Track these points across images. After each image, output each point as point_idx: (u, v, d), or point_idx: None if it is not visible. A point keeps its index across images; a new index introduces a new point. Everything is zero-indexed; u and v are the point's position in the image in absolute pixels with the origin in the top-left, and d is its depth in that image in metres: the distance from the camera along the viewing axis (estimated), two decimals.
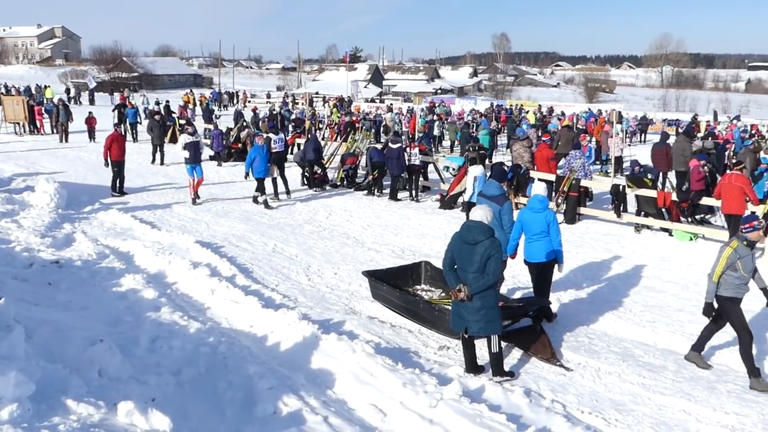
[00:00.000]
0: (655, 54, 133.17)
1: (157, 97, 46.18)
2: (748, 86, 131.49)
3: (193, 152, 15.49)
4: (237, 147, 22.85)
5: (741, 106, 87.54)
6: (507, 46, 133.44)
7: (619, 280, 10.84)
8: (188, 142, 15.63)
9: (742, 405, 6.71)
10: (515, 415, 6.12)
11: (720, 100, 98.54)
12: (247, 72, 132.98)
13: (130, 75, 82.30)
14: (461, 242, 6.78)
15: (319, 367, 6.86)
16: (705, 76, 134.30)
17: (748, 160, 16.37)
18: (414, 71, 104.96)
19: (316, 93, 66.42)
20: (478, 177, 13.25)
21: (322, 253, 11.83)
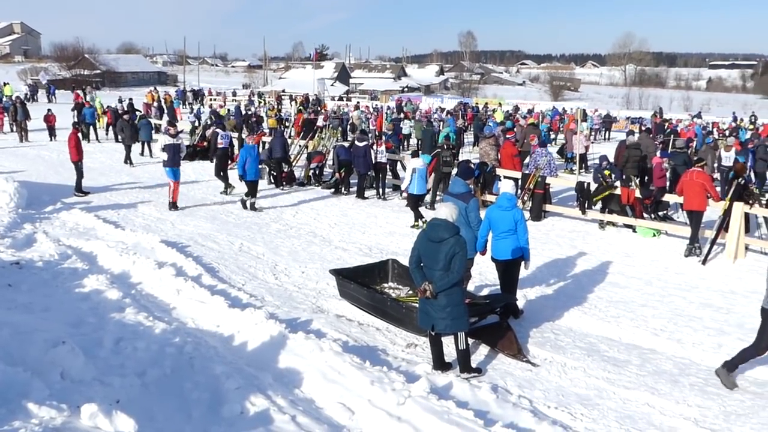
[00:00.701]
0: (618, 53, 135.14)
1: (120, 94, 45.49)
2: (708, 85, 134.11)
3: (172, 154, 14.69)
4: (202, 146, 22.65)
5: (702, 104, 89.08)
6: (473, 45, 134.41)
7: (584, 276, 10.98)
8: (168, 143, 14.80)
9: (704, 398, 6.84)
10: (483, 411, 6.16)
11: (682, 99, 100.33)
12: (212, 70, 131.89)
13: (92, 72, 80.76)
14: (427, 240, 6.80)
15: (286, 366, 6.83)
16: (667, 75, 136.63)
17: (709, 157, 16.68)
18: (381, 69, 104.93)
19: (283, 91, 66.04)
20: (418, 169, 13.69)
21: (289, 251, 11.78)
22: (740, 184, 12.48)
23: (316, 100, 48.93)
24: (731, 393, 6.96)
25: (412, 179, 13.69)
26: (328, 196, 16.95)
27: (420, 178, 13.76)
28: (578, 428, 6.10)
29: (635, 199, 13.98)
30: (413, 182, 13.69)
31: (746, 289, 10.59)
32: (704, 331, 8.70)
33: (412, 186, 13.74)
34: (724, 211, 12.29)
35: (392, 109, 40.33)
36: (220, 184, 17.40)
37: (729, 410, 6.58)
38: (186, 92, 57.36)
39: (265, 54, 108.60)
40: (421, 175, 13.75)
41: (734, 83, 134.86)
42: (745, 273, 11.50)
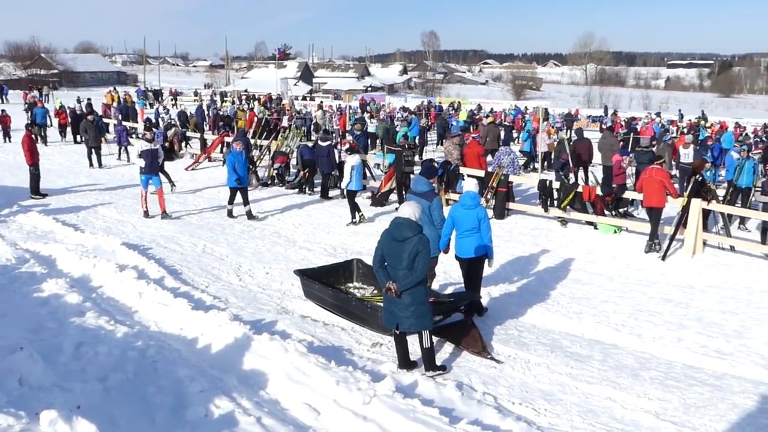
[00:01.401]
0: (579, 52, 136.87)
1: (78, 95, 44.72)
2: (667, 84, 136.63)
3: (149, 161, 13.92)
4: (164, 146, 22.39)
5: (661, 103, 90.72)
6: (436, 44, 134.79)
7: (547, 273, 11.10)
8: (145, 149, 13.99)
9: (664, 391, 6.96)
10: (448, 408, 6.19)
11: (641, 97, 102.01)
12: (173, 69, 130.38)
13: (49, 72, 79.34)
14: (390, 239, 6.81)
15: (251, 367, 6.79)
16: (627, 74, 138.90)
17: (666, 155, 16.99)
18: (344, 69, 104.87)
19: (245, 90, 65.55)
20: (355, 166, 13.93)
21: (253, 252, 11.71)
22: (698, 181, 12.74)
23: (279, 100, 48.64)
24: (690, 386, 7.10)
25: (351, 176, 13.92)
26: (293, 196, 16.87)
27: (357, 175, 14.04)
28: (542, 423, 6.16)
29: (596, 196, 14.18)
30: (352, 179, 13.93)
31: (704, 284, 10.82)
32: (664, 326, 8.86)
33: (351, 183, 13.98)
34: (683, 207, 12.54)
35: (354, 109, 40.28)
36: (183, 184, 17.22)
37: (689, 403, 6.71)
38: (147, 92, 56.60)
39: (227, 53, 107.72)
40: (358, 172, 14.06)
41: (692, 82, 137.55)
42: (703, 268, 11.74)
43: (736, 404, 6.72)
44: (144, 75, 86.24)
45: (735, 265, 11.98)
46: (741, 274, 11.44)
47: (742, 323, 9.09)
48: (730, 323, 9.08)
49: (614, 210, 14.76)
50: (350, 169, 13.94)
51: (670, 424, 6.27)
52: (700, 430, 6.19)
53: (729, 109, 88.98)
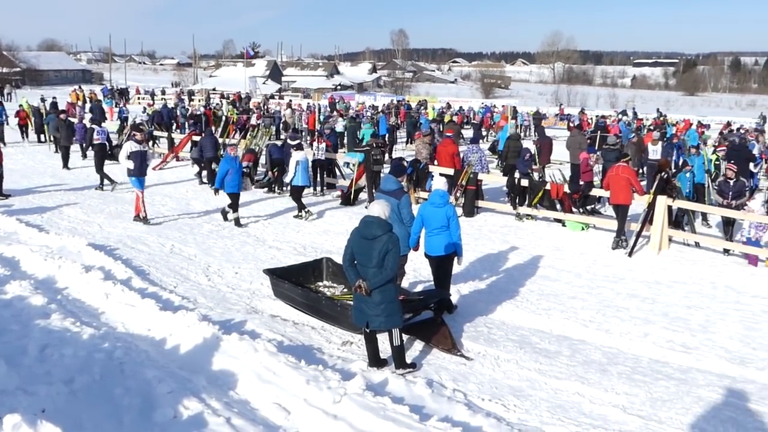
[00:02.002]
0: (547, 51, 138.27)
1: (42, 93, 43.96)
2: (633, 82, 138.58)
3: (139, 163, 13.37)
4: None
5: (627, 101, 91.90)
6: (405, 43, 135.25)
7: (515, 270, 11.18)
8: (134, 151, 13.34)
9: (631, 385, 7.05)
10: (418, 405, 6.21)
11: (608, 96, 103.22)
12: (140, 68, 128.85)
13: (11, 70, 77.92)
14: (360, 238, 6.81)
15: (220, 368, 6.73)
16: (594, 73, 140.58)
17: (631, 152, 17.21)
18: (313, 67, 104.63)
19: (213, 89, 65.03)
20: (300, 161, 14.19)
21: (222, 252, 11.62)
22: (663, 178, 12.92)
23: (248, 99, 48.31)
24: (657, 380, 7.21)
25: (296, 172, 14.14)
26: (261, 196, 16.77)
27: (303, 171, 14.25)
28: (511, 419, 6.21)
29: (564, 194, 14.32)
30: (297, 175, 14.15)
31: (670, 279, 11.00)
32: (631, 321, 8.98)
33: (296, 178, 14.19)
34: (649, 204, 12.71)
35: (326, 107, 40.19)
36: (149, 184, 16.98)
37: (655, 397, 6.81)
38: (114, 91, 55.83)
39: (195, 52, 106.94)
40: (303, 168, 14.28)
41: (657, 81, 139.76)
42: (669, 264, 11.93)
43: (701, 397, 6.83)
44: (110, 73, 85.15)
45: (700, 261, 12.19)
46: (706, 270, 11.64)
47: (707, 317, 9.26)
48: (695, 318, 9.23)
49: (582, 207, 14.93)
50: (295, 164, 14.12)
51: (637, 417, 6.35)
52: (666, 423, 6.28)
53: (693, 107, 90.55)
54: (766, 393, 7.03)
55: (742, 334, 8.67)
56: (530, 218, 14.76)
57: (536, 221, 14.71)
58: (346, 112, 35.20)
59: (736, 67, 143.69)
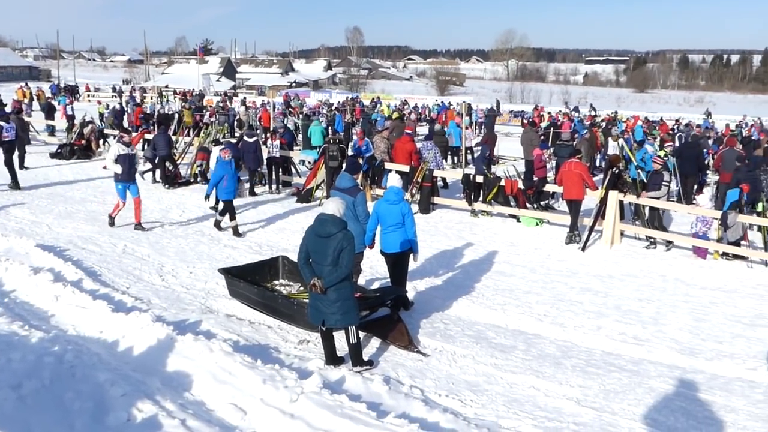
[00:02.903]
0: (501, 48, 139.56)
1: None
2: (585, 79, 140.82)
3: (127, 168, 12.41)
4: (80, 144, 21.69)
5: (580, 98, 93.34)
6: (360, 40, 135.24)
7: (471, 266, 11.27)
8: (121, 154, 12.41)
9: (585, 378, 7.17)
10: (375, 403, 6.21)
11: (561, 92, 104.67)
12: (89, 65, 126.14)
13: None
14: (314, 236, 6.79)
15: (175, 369, 6.64)
16: (547, 70, 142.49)
17: (584, 148, 17.48)
18: (268, 64, 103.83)
19: (166, 86, 64.05)
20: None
21: (176, 252, 11.45)
22: (614, 173, 13.16)
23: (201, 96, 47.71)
24: (610, 372, 7.34)
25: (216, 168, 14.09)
26: None
27: None
28: (468, 414, 6.25)
29: (518, 190, 14.48)
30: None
31: (622, 273, 11.21)
32: (584, 315, 9.13)
33: None
34: (601, 199, 12.94)
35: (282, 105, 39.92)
36: (101, 183, 16.71)
37: (608, 388, 6.93)
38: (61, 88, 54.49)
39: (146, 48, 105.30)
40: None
41: (609, 78, 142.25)
42: (621, 258, 12.16)
43: (652, 388, 6.98)
44: (58, 70, 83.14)
45: (650, 255, 12.45)
46: (656, 263, 11.90)
47: (658, 310, 9.46)
48: (647, 310, 9.43)
49: (536, 203, 15.12)
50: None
51: (590, 409, 6.46)
52: (619, 414, 6.40)
53: (643, 103, 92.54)
54: (715, 383, 7.22)
55: (692, 326, 8.88)
56: (486, 214, 14.89)
57: (491, 217, 14.85)
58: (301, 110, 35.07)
59: (685, 64, 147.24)
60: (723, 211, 12.12)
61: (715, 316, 9.34)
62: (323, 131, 22.35)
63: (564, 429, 6.04)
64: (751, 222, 12.36)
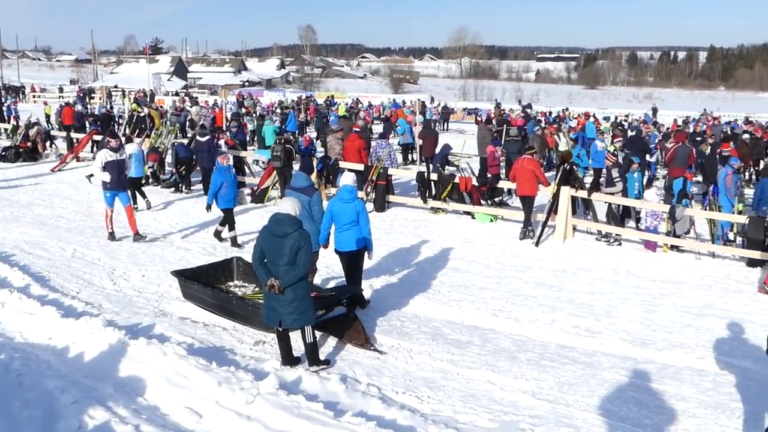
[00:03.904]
0: (454, 46, 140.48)
1: None
2: (537, 76, 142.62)
3: (116, 175, 11.67)
4: (26, 146, 21.16)
5: (532, 95, 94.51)
6: (313, 38, 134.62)
7: (427, 263, 11.32)
8: (109, 160, 11.60)
9: (540, 371, 7.26)
10: (332, 402, 6.19)
11: (514, 90, 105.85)
12: (34, 64, 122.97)
13: None
14: (270, 236, 6.73)
15: (128, 374, 6.52)
16: (499, 67, 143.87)
17: (536, 145, 17.70)
18: (220, 63, 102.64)
19: (115, 86, 62.84)
20: (134, 154, 14.45)
21: (128, 255, 11.24)
22: (566, 169, 13.35)
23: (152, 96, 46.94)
24: (564, 365, 7.44)
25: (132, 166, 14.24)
26: (169, 196, 16.33)
27: (136, 162, 14.51)
28: (425, 411, 6.27)
29: (472, 186, 14.60)
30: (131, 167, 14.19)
31: (575, 267, 11.39)
32: (539, 309, 9.24)
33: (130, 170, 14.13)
34: (553, 195, 13.12)
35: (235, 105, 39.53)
36: (48, 186, 16.32)
37: (563, 381, 7.03)
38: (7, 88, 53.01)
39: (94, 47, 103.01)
40: (137, 159, 14.62)
41: (560, 75, 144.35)
42: (573, 252, 12.35)
43: (605, 379, 7.10)
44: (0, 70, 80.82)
45: (602, 249, 12.67)
46: (608, 257, 12.12)
47: (610, 302, 9.63)
48: (599, 303, 9.59)
49: (490, 199, 15.26)
50: (129, 157, 14.02)
51: (546, 402, 6.54)
52: (573, 406, 6.49)
53: (594, 100, 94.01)
54: (666, 372, 7.38)
55: (643, 317, 9.07)
56: (441, 212, 14.96)
57: (446, 214, 14.94)
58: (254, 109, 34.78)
59: (634, 61, 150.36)
60: (671, 205, 12.41)
61: (665, 307, 9.54)
62: (276, 131, 22.19)
63: (520, 422, 6.10)
64: (699, 215, 12.66)
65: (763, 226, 11.38)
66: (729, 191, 13.37)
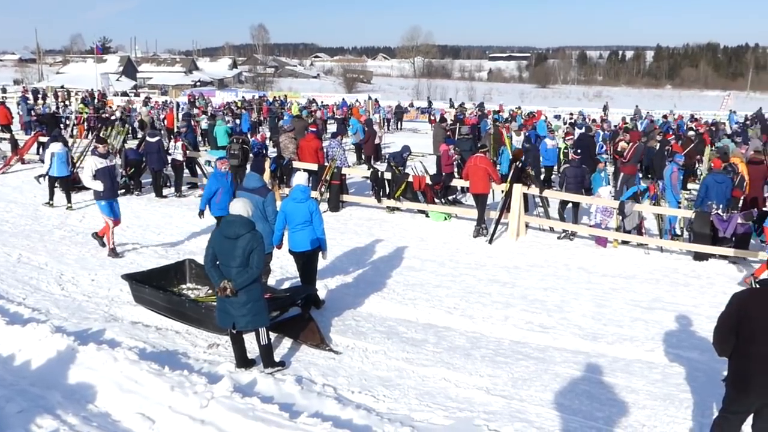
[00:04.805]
0: (407, 46, 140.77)
1: None
2: (490, 75, 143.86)
3: (110, 183, 11.07)
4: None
5: (485, 94, 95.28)
6: (266, 38, 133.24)
7: (382, 262, 11.33)
8: (100, 168, 10.97)
9: (494, 367, 7.33)
10: (288, 403, 6.16)
11: (466, 89, 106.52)
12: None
13: None
14: (222, 237, 6.66)
15: (77, 381, 6.38)
16: (452, 67, 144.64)
17: (488, 143, 17.90)
18: (170, 63, 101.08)
19: (61, 87, 61.39)
20: (56, 153, 14.55)
21: (77, 259, 10.99)
22: (518, 167, 13.51)
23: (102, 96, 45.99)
24: (518, 360, 7.53)
25: (52, 162, 14.54)
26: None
27: (58, 162, 14.57)
28: (381, 410, 6.28)
29: (426, 185, 14.66)
30: (52, 165, 14.56)
31: (528, 264, 11.53)
32: (493, 306, 9.33)
33: (52, 169, 14.60)
34: (506, 192, 13.26)
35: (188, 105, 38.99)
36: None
37: (516, 376, 7.12)
38: None
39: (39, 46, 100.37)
40: (59, 159, 14.58)
41: (512, 74, 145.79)
42: (526, 249, 12.50)
43: (558, 374, 7.21)
44: None
45: (554, 245, 12.85)
46: (560, 253, 12.30)
47: (562, 298, 9.78)
48: (552, 299, 9.73)
49: (444, 198, 15.35)
50: (50, 156, 14.55)
51: (500, 398, 6.61)
52: (527, 401, 6.58)
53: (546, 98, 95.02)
54: (617, 365, 7.53)
55: (594, 312, 9.23)
56: (395, 211, 14.99)
57: (401, 213, 14.98)
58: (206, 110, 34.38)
59: (583, 60, 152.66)
60: (621, 201, 12.66)
61: (616, 301, 9.73)
62: (228, 131, 21.97)
63: (475, 418, 6.16)
64: (647, 210, 12.93)
65: (709, 220, 11.69)
66: (675, 187, 13.73)
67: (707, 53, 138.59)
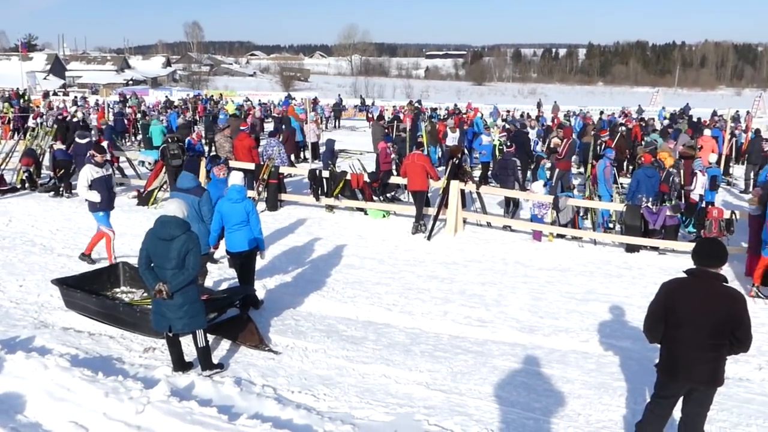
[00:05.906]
0: (344, 43, 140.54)
1: None
2: (427, 73, 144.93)
3: (107, 193, 10.43)
4: None
5: (422, 91, 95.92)
6: (200, 35, 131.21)
7: (321, 260, 11.29)
8: (96, 177, 10.34)
9: (433, 362, 7.40)
10: (227, 405, 6.09)
11: (404, 86, 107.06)
12: None
13: None
14: (156, 239, 6.52)
15: (5, 391, 6.15)
16: (389, 65, 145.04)
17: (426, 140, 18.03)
18: (101, 61, 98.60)
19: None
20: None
21: (3, 264, 10.59)
22: (455, 164, 13.64)
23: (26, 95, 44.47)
24: (457, 355, 7.62)
25: None
26: (48, 201, 15.51)
27: None
28: (321, 408, 6.27)
29: (364, 183, 14.67)
30: None
31: (466, 259, 11.66)
32: (432, 301, 9.41)
33: None
34: (443, 189, 13.38)
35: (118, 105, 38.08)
36: None
37: (456, 370, 7.19)
38: None
39: None
40: None
41: (449, 72, 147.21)
42: (464, 244, 12.63)
43: (496, 367, 7.32)
44: None
45: (492, 240, 13.03)
46: (497, 248, 12.47)
47: (500, 292, 9.93)
48: (490, 293, 9.87)
49: (382, 195, 15.38)
50: None
51: (439, 392, 6.68)
52: (466, 394, 6.66)
53: (482, 96, 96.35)
54: (553, 356, 7.69)
55: (531, 305, 9.41)
56: (334, 209, 14.95)
57: (339, 211, 14.95)
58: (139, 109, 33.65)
59: (518, 58, 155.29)
60: (555, 196, 12.93)
61: (552, 294, 9.93)
62: (163, 130, 21.52)
63: (415, 414, 6.20)
64: (580, 204, 13.24)
65: (639, 213, 12.04)
66: (607, 181, 14.10)
67: (637, 51, 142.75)
